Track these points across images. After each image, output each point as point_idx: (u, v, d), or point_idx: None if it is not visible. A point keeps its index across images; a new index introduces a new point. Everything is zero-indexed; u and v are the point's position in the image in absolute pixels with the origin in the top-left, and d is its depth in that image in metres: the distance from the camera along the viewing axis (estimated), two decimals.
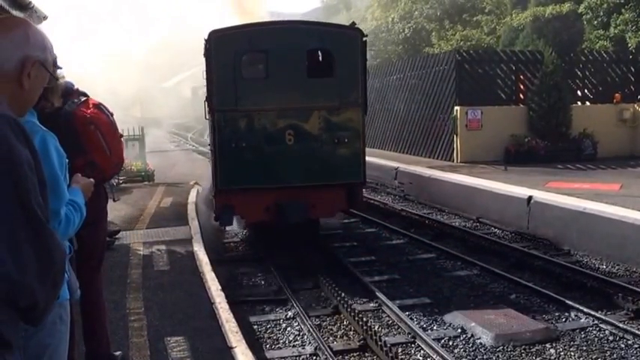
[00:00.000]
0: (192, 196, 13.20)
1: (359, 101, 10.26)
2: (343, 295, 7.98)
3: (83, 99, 4.55)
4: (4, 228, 1.73)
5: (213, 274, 7.46)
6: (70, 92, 4.52)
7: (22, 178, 1.78)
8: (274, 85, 10.04)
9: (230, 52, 10.02)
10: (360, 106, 10.29)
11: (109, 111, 4.63)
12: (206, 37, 10.03)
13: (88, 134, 4.35)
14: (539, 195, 11.61)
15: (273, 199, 9.95)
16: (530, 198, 11.56)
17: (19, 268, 1.73)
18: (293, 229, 10.30)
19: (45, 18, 11.80)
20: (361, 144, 10.38)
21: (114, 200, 5.17)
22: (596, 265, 9.56)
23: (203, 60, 10.12)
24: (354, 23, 10.79)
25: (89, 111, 4.44)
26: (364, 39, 10.38)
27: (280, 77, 10.03)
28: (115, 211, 10.03)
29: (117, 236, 9.22)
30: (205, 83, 10.18)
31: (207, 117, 10.46)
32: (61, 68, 2.38)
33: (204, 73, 10.16)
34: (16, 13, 9.11)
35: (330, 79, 10.30)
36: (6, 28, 2.11)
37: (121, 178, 15.07)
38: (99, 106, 4.56)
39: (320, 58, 11.04)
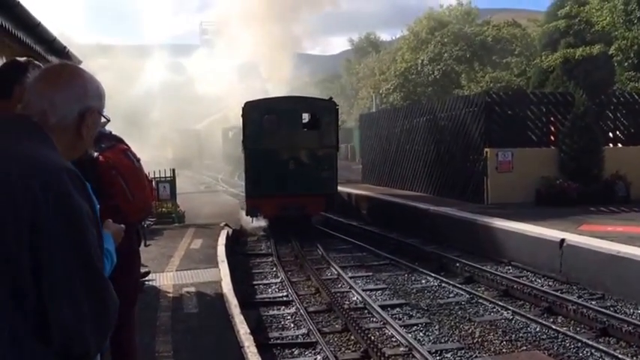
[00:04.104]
0: (222, 238, 13.27)
1: (333, 144, 17.16)
2: (373, 339, 7.93)
3: (112, 144, 4.58)
4: (65, 281, 1.80)
5: (242, 317, 7.47)
6: (102, 137, 4.55)
7: (83, 233, 1.86)
8: (282, 133, 16.86)
9: (256, 114, 17.21)
10: (334, 147, 17.19)
11: (135, 157, 4.64)
12: (243, 105, 17.13)
13: (110, 179, 4.33)
14: (572, 238, 11.46)
15: (281, 202, 16.37)
16: (562, 241, 11.41)
17: (77, 319, 1.80)
18: (295, 227, 16.20)
19: (80, 63, 12.09)
20: (334, 170, 17.22)
21: (145, 245, 5.20)
22: (631, 310, 9.37)
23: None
24: (331, 98, 18.33)
25: (112, 156, 4.43)
26: (337, 107, 17.48)
27: (286, 128, 16.94)
28: (145, 252, 10.04)
29: (147, 278, 9.27)
30: (242, 131, 17.48)
31: (242, 152, 17.41)
32: (109, 121, 2.44)
33: (242, 125, 17.36)
34: (52, 58, 9.35)
35: (315, 131, 17.36)
36: (64, 80, 2.13)
37: (152, 219, 15.21)
38: (125, 152, 4.58)
39: (310, 118, 17.73)
